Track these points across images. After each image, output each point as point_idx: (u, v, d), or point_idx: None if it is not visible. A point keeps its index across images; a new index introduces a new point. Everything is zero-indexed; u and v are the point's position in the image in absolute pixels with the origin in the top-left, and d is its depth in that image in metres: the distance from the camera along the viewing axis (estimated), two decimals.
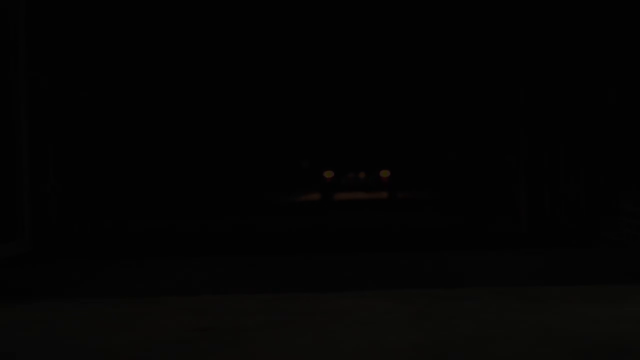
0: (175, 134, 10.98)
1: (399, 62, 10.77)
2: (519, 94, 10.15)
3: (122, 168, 10.59)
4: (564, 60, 8.94)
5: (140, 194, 11.31)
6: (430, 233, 11.38)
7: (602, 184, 8.10)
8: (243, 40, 9.98)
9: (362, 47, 10.39)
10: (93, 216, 10.25)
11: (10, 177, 7.95)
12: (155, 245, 10.34)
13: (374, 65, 10.61)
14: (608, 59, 7.76)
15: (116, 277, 7.08)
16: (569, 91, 8.89)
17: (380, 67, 10.80)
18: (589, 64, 8.23)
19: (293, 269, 7.11)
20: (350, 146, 12.38)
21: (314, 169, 12.92)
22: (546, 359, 4.02)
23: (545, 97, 9.52)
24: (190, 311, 5.73)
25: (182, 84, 10.47)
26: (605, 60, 7.84)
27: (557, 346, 4.32)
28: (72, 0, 8.99)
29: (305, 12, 9.65)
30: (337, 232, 12.13)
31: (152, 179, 11.24)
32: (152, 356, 4.29)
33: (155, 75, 10.28)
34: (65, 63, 9.16)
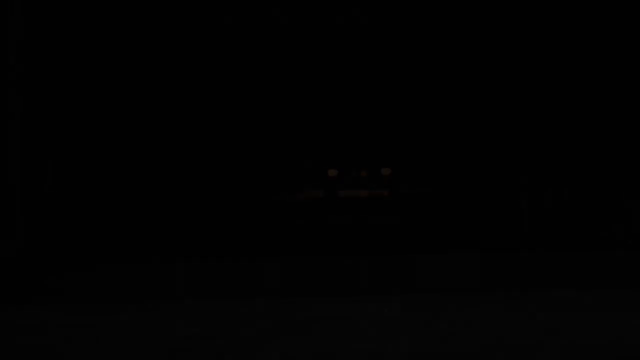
0: (179, 133, 10.92)
1: (401, 60, 10.67)
2: (523, 96, 10.06)
3: (126, 167, 10.49)
4: (568, 62, 8.86)
5: (142, 194, 11.23)
6: (428, 233, 11.27)
7: (606, 190, 8.00)
8: (245, 39, 9.89)
9: (365, 46, 10.32)
10: (93, 216, 10.15)
11: (3, 176, 7.85)
12: (155, 247, 10.22)
13: (375, 62, 10.49)
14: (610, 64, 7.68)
15: (108, 282, 6.98)
16: (571, 95, 8.81)
17: (382, 65, 10.69)
18: (593, 69, 8.14)
19: (296, 271, 7.03)
20: (352, 145, 12.26)
21: (316, 167, 12.80)
22: None
23: (548, 99, 9.43)
24: (186, 317, 5.63)
25: (187, 86, 10.40)
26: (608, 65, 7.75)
27: (574, 354, 4.22)
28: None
29: (308, 9, 9.57)
30: (341, 233, 12.03)
31: (155, 176, 11.18)
32: None
33: (158, 75, 10.19)
34: (63, 59, 9.06)
